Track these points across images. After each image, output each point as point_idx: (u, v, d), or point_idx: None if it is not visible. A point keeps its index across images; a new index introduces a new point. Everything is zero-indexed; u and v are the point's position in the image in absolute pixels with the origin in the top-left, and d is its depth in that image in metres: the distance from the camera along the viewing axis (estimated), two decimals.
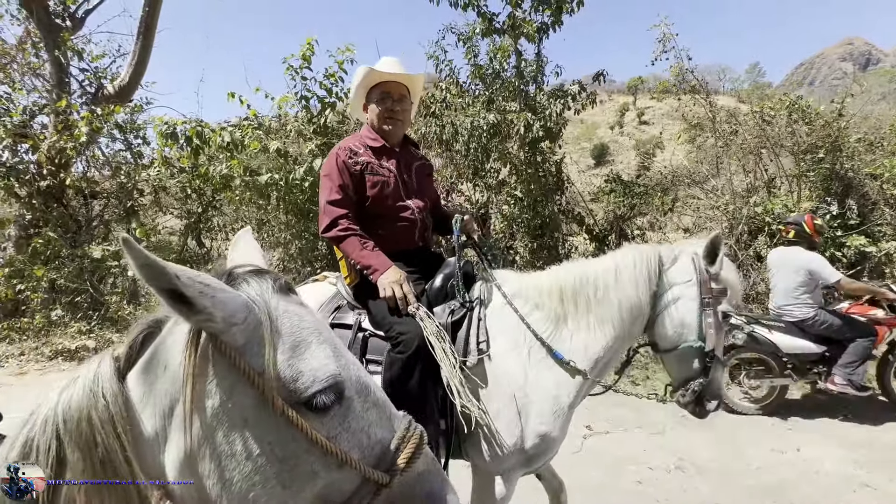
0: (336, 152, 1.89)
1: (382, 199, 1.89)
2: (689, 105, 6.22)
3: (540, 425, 1.58)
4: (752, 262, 5.66)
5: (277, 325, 0.71)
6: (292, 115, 5.72)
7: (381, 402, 0.79)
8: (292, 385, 0.69)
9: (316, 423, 0.69)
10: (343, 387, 0.72)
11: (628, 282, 1.69)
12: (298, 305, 0.78)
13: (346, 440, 0.72)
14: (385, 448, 0.74)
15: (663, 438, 3.61)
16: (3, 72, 6.35)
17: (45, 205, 5.99)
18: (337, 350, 0.76)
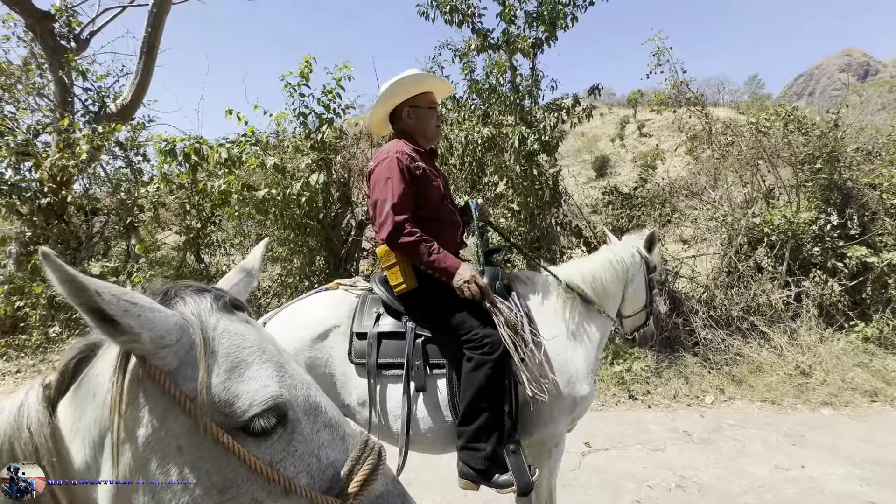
0: (394, 156, 1.90)
1: (440, 203, 2.00)
2: (685, 117, 6.25)
3: (582, 389, 1.98)
4: (752, 273, 5.60)
5: (213, 345, 0.68)
6: (290, 131, 5.78)
7: (334, 421, 0.75)
8: (228, 409, 0.65)
9: (256, 449, 0.66)
10: (286, 408, 0.69)
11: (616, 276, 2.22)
12: (243, 324, 0.75)
13: (291, 465, 0.68)
14: (337, 471, 0.71)
15: (663, 455, 3.53)
16: (9, 92, 6.47)
17: (45, 222, 6.05)
18: (283, 369, 0.73)
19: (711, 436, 3.86)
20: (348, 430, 0.77)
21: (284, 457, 0.68)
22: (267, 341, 0.76)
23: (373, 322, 1.94)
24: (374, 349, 1.88)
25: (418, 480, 3.19)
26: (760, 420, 4.16)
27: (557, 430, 1.99)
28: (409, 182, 1.89)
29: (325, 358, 1.93)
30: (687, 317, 5.39)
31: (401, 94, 2.01)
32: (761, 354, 5.05)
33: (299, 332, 1.95)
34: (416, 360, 1.86)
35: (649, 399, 4.59)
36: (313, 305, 2.09)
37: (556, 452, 2.05)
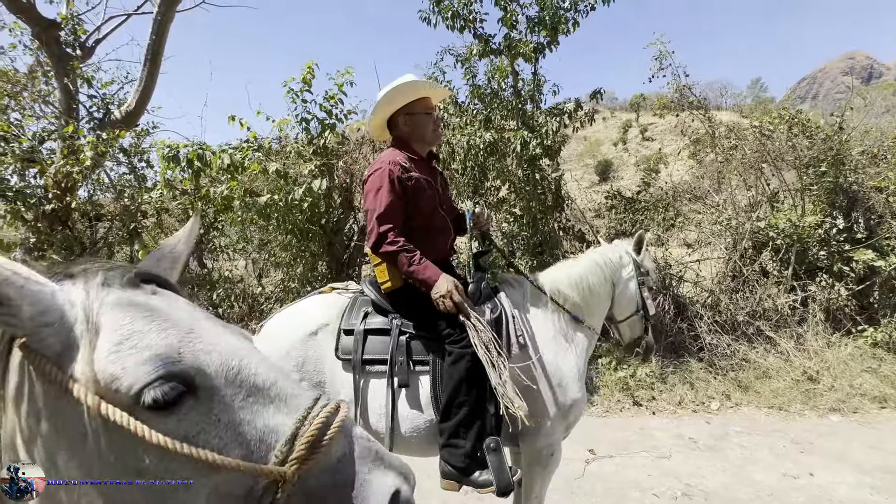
0: (387, 168, 1.93)
1: (431, 212, 2.03)
2: (687, 121, 6.23)
3: (575, 393, 2.00)
4: (757, 277, 5.55)
5: (98, 320, 0.62)
6: (292, 136, 5.80)
7: (270, 384, 0.67)
8: (116, 384, 0.59)
9: (163, 424, 0.59)
10: (189, 375, 0.61)
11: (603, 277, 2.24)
12: (147, 296, 0.69)
13: (216, 437, 0.61)
14: (282, 437, 0.63)
15: (669, 463, 3.48)
16: (15, 99, 6.51)
17: (50, 228, 6.05)
18: (192, 334, 0.65)
19: (718, 443, 3.81)
20: (292, 391, 0.68)
21: (204, 428, 0.61)
22: (177, 309, 0.69)
23: (360, 319, 1.99)
24: (359, 345, 1.92)
25: (420, 488, 3.15)
26: (767, 427, 4.10)
27: (553, 438, 2.00)
28: (399, 193, 1.92)
29: (315, 355, 1.99)
30: (691, 321, 5.34)
31: (398, 100, 2.03)
32: (767, 360, 4.99)
33: (292, 332, 2.02)
34: (399, 356, 1.89)
35: (654, 405, 4.54)
36: (306, 307, 2.16)
37: (552, 461, 2.04)
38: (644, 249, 2.36)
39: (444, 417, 1.81)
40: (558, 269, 2.33)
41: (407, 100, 2.03)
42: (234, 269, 6.47)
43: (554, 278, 2.23)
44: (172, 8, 6.85)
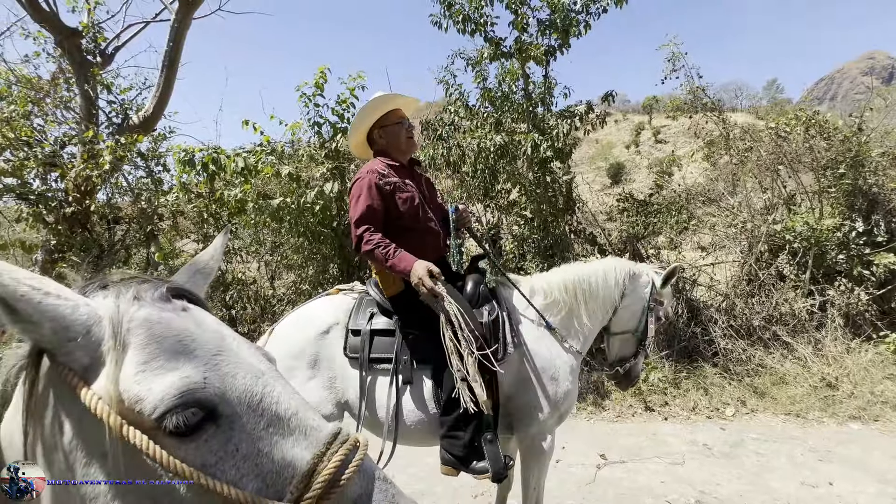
0: (366, 176, 2.06)
1: (414, 213, 2.12)
2: (701, 123, 6.15)
3: (567, 385, 2.11)
4: (773, 281, 5.45)
5: (125, 338, 0.61)
6: (305, 140, 5.86)
7: (291, 414, 0.65)
8: (139, 406, 0.58)
9: (181, 451, 0.58)
10: (213, 402, 0.60)
11: (612, 283, 2.27)
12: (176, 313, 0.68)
13: (233, 468, 0.60)
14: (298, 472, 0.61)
15: (683, 470, 3.42)
16: (38, 106, 6.70)
17: (70, 230, 6.21)
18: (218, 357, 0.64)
19: (733, 450, 3.74)
20: (313, 424, 0.66)
21: (221, 458, 0.60)
22: (205, 329, 0.68)
23: (367, 320, 2.10)
24: (366, 344, 2.04)
25: (430, 492, 3.16)
26: (785, 434, 4.01)
27: (545, 427, 2.11)
28: (377, 198, 2.04)
29: (327, 353, 2.10)
30: (705, 326, 5.26)
31: (370, 117, 2.17)
32: (784, 365, 4.89)
33: (304, 332, 2.13)
34: (403, 355, 2.01)
35: (667, 411, 4.47)
36: (316, 308, 2.26)
37: (545, 449, 2.13)
38: (671, 283, 2.37)
39: (446, 412, 1.93)
40: (559, 269, 2.38)
41: (379, 114, 2.16)
42: (247, 272, 6.54)
43: (549, 279, 2.30)
44: (189, 15, 7.00)
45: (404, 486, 3.18)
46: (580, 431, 4.13)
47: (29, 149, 6.06)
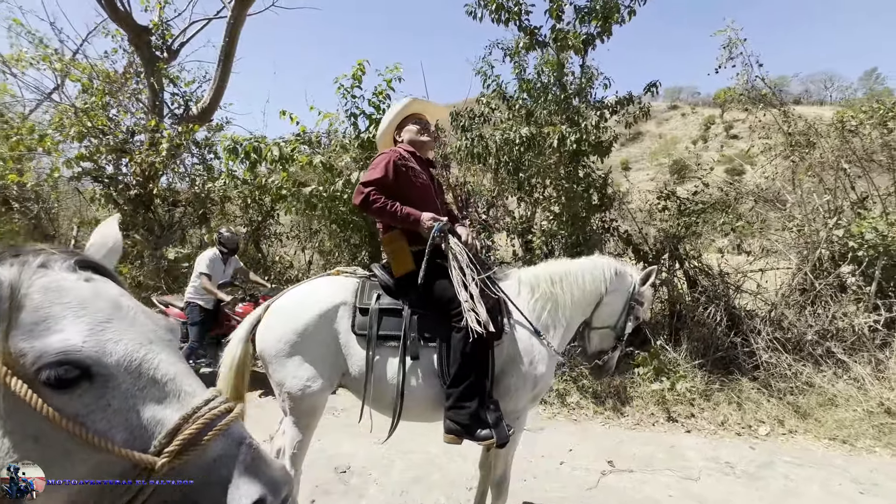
0: (388, 154, 2.26)
1: (424, 199, 2.26)
2: (759, 116, 5.63)
3: (542, 370, 2.23)
4: (832, 292, 4.91)
5: (21, 300, 0.68)
6: (341, 131, 6.05)
7: (168, 378, 0.72)
8: (22, 360, 0.66)
9: (58, 401, 0.66)
10: (86, 363, 0.67)
11: (598, 278, 2.37)
12: (80, 282, 0.75)
13: (103, 420, 0.67)
14: (164, 429, 0.68)
15: (696, 486, 3.21)
16: (114, 98, 7.43)
17: (134, 211, 6.87)
18: (104, 324, 0.71)
19: (759, 471, 3.45)
20: (188, 389, 0.72)
21: (93, 411, 0.67)
22: (101, 299, 0.75)
23: (374, 300, 2.20)
24: (374, 322, 2.14)
25: (427, 479, 3.20)
26: (824, 460, 3.63)
27: (519, 405, 2.24)
28: (391, 173, 2.21)
29: (332, 331, 2.19)
30: (747, 336, 4.86)
31: (394, 121, 2.42)
32: (836, 386, 4.41)
33: (309, 310, 2.20)
34: (411, 332, 2.12)
35: (691, 423, 4.20)
36: (320, 287, 2.33)
37: (517, 424, 2.26)
38: (649, 284, 2.48)
39: (453, 384, 2.06)
40: (545, 264, 2.51)
41: (400, 118, 2.41)
42: (285, 255, 6.90)
43: (536, 273, 2.42)
44: (244, 11, 7.43)
45: (403, 470, 3.25)
46: (592, 435, 3.99)
47: (103, 136, 6.76)
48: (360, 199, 2.17)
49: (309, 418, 2.20)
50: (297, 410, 2.17)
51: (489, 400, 2.09)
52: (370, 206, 2.16)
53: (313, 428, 2.27)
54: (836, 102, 34.17)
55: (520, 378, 2.20)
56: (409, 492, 3.04)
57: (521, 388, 2.21)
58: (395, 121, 2.42)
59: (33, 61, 7.34)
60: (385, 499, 2.97)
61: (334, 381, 2.22)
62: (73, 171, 6.75)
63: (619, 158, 49.61)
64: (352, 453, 3.50)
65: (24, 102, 8.30)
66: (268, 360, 2.19)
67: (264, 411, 4.16)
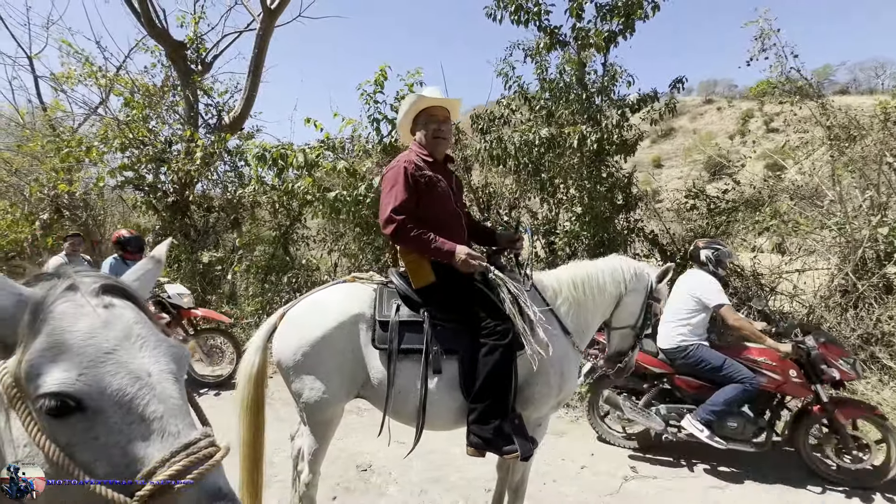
0: (402, 165, 2.15)
1: (444, 208, 2.23)
2: (794, 110, 5.38)
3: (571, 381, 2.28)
4: (877, 293, 4.63)
5: (40, 326, 0.71)
6: (364, 136, 6.18)
7: (155, 417, 0.71)
8: (26, 385, 0.69)
9: (52, 426, 0.68)
10: (78, 398, 0.68)
11: (619, 280, 2.38)
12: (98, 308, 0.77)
13: (88, 451, 0.68)
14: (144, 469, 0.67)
15: (722, 495, 3.11)
16: (153, 110, 7.84)
17: (172, 217, 7.22)
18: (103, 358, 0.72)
19: (795, 487, 3.28)
20: (173, 430, 0.71)
21: (82, 440, 0.68)
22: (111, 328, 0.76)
23: (393, 312, 2.15)
24: (395, 335, 2.10)
25: (445, 480, 3.23)
26: None
27: (543, 411, 2.25)
28: (412, 188, 2.13)
29: (349, 343, 2.14)
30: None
31: (409, 113, 2.33)
32: (882, 393, 4.16)
33: (324, 320, 2.14)
34: (434, 346, 2.09)
35: None
36: (336, 296, 2.27)
37: (539, 431, 2.27)
38: (665, 280, 2.48)
39: (476, 399, 2.05)
40: (567, 267, 2.50)
41: (414, 110, 2.31)
42: (312, 258, 7.09)
43: (555, 277, 2.39)
44: (272, 23, 7.71)
45: (422, 470, 3.28)
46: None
47: (143, 146, 7.16)
48: (391, 229, 2.08)
49: (326, 427, 2.20)
50: (313, 420, 2.16)
51: (513, 413, 2.07)
52: (401, 238, 2.09)
53: (330, 436, 2.26)
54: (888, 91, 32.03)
55: (544, 386, 2.18)
56: (427, 492, 3.08)
57: (545, 395, 2.19)
58: (408, 119, 2.35)
59: (81, 78, 7.85)
60: (404, 498, 3.02)
61: (352, 393, 2.19)
62: (116, 180, 7.19)
63: (651, 156, 48.19)
64: (373, 452, 3.56)
65: (74, 117, 8.89)
66: (284, 370, 2.17)
67: (290, 409, 4.29)
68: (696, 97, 63.21)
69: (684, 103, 58.08)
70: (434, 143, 2.28)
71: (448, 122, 2.32)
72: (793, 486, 3.22)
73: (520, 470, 2.34)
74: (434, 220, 2.16)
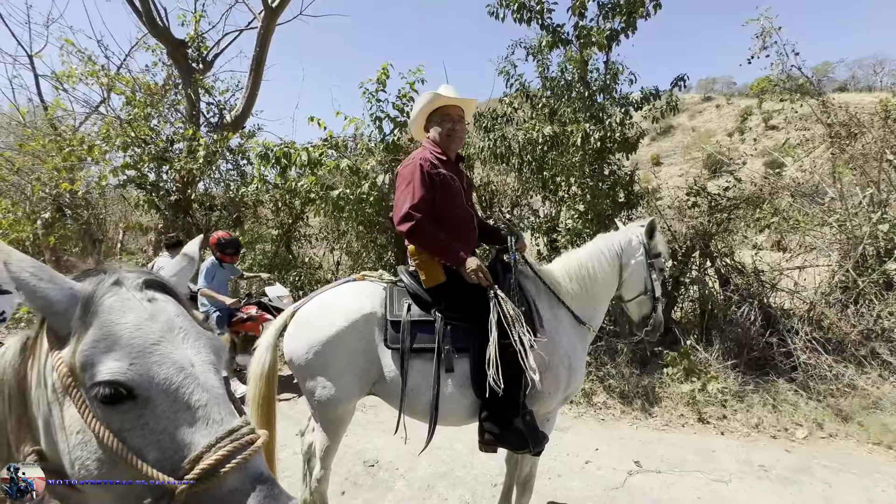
0: (419, 163, 2.16)
1: (457, 207, 2.25)
2: (794, 107, 5.41)
3: (578, 375, 2.31)
4: (878, 290, 4.67)
5: (91, 319, 0.75)
6: (367, 134, 6.19)
7: (200, 405, 0.75)
8: (81, 374, 0.73)
9: (105, 413, 0.72)
10: (130, 386, 0.72)
11: (607, 263, 2.39)
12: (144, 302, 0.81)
13: (140, 437, 0.72)
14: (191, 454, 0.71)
15: (726, 488, 3.15)
16: (155, 108, 7.84)
17: (174, 215, 7.23)
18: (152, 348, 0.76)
19: (795, 475, 3.33)
20: (216, 417, 0.75)
21: (133, 426, 0.72)
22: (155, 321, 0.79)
23: (405, 311, 2.16)
24: (407, 335, 2.11)
25: (451, 475, 3.26)
26: (868, 466, 3.47)
27: (551, 406, 2.28)
28: (428, 186, 2.13)
29: (362, 341, 2.15)
30: (783, 336, 4.68)
31: (424, 109, 2.33)
32: (882, 388, 4.20)
33: (334, 319, 2.16)
34: (445, 344, 2.11)
35: (724, 425, 4.09)
36: (344, 295, 2.29)
37: (548, 426, 2.29)
38: (656, 233, 2.48)
39: (491, 397, 2.05)
40: (559, 260, 2.50)
41: (430, 108, 2.32)
42: (314, 257, 7.11)
43: (553, 271, 2.42)
44: (273, 22, 7.70)
45: (429, 465, 3.31)
46: (619, 436, 3.95)
47: (145, 145, 7.16)
48: (408, 226, 2.08)
49: (337, 425, 2.21)
50: (325, 417, 2.18)
51: (524, 410, 2.10)
52: (418, 236, 2.09)
53: (342, 434, 2.28)
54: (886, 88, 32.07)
55: (553, 381, 2.20)
56: (434, 487, 3.11)
57: (553, 390, 2.22)
58: (422, 116, 2.36)
59: (82, 77, 7.84)
60: (411, 493, 3.05)
61: (364, 391, 2.21)
62: (118, 179, 7.19)
63: (650, 153, 48.17)
64: (380, 448, 3.60)
65: (75, 116, 8.87)
66: (296, 369, 2.18)
67: (298, 406, 4.32)
68: (695, 95, 63.18)
69: (683, 101, 57.97)
70: (448, 142, 2.29)
71: (462, 122, 2.33)
72: (796, 479, 3.26)
73: (528, 464, 2.37)
74: (448, 219, 2.19)
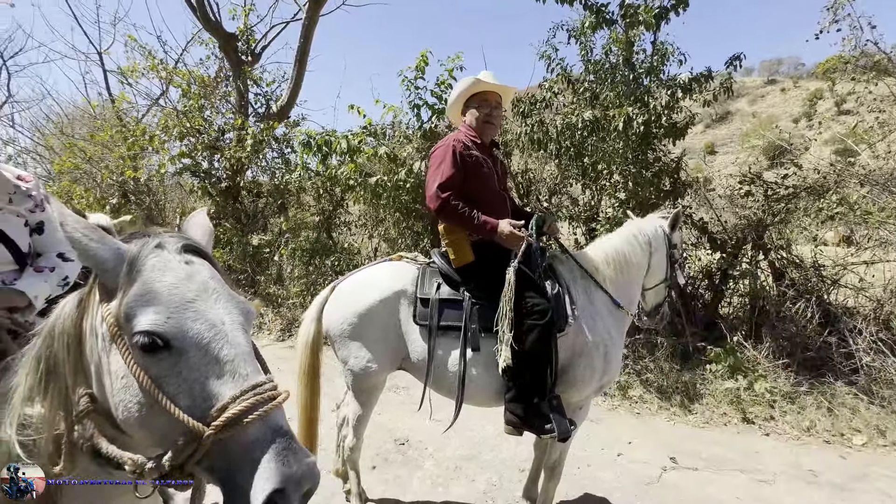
0: (452, 144, 2.22)
1: (489, 189, 2.28)
2: (869, 87, 4.93)
3: (614, 363, 2.26)
4: None
5: (135, 276, 0.84)
6: (405, 122, 6.24)
7: (228, 359, 0.81)
8: (124, 322, 0.82)
9: (144, 360, 0.80)
10: (167, 337, 0.80)
11: (639, 249, 2.42)
12: (182, 263, 0.88)
13: (174, 384, 0.79)
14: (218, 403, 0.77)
15: (769, 489, 2.99)
16: (208, 100, 8.26)
17: (224, 202, 7.64)
18: (187, 305, 0.83)
19: (849, 482, 3.11)
20: (243, 372, 0.81)
21: (169, 374, 0.80)
22: (192, 281, 0.87)
23: (434, 290, 2.22)
24: (435, 312, 2.17)
25: (478, 458, 3.29)
26: None
27: (584, 394, 2.26)
28: (459, 166, 2.18)
29: (391, 317, 2.26)
30: (843, 335, 4.34)
31: (462, 94, 2.39)
32: None
33: (369, 294, 2.29)
34: (472, 323, 2.14)
35: (771, 426, 3.87)
36: (380, 272, 2.41)
37: (581, 414, 2.30)
38: (678, 227, 2.56)
39: (514, 377, 2.07)
40: (594, 246, 2.52)
41: (468, 94, 2.37)
42: (353, 243, 7.29)
43: (590, 256, 2.42)
44: (317, 12, 7.88)
45: (458, 447, 3.37)
46: (655, 430, 3.83)
47: (199, 135, 7.58)
48: (437, 204, 2.15)
49: (369, 395, 2.35)
50: (357, 387, 2.32)
51: (551, 394, 2.08)
52: (447, 213, 2.16)
53: (373, 403, 2.40)
54: None
55: (588, 368, 2.19)
56: (462, 468, 3.16)
57: (588, 378, 2.21)
58: (460, 101, 2.41)
59: (144, 71, 8.38)
60: (440, 472, 3.11)
61: (395, 364, 2.31)
62: (176, 167, 7.67)
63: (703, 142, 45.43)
64: (410, 428, 3.68)
65: (138, 108, 9.52)
66: (332, 339, 2.33)
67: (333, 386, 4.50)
68: (757, 78, 58.76)
69: (743, 84, 53.97)
70: (483, 127, 2.34)
71: (499, 108, 2.37)
72: (850, 486, 3.05)
73: (557, 450, 2.36)
74: (479, 200, 2.23)
